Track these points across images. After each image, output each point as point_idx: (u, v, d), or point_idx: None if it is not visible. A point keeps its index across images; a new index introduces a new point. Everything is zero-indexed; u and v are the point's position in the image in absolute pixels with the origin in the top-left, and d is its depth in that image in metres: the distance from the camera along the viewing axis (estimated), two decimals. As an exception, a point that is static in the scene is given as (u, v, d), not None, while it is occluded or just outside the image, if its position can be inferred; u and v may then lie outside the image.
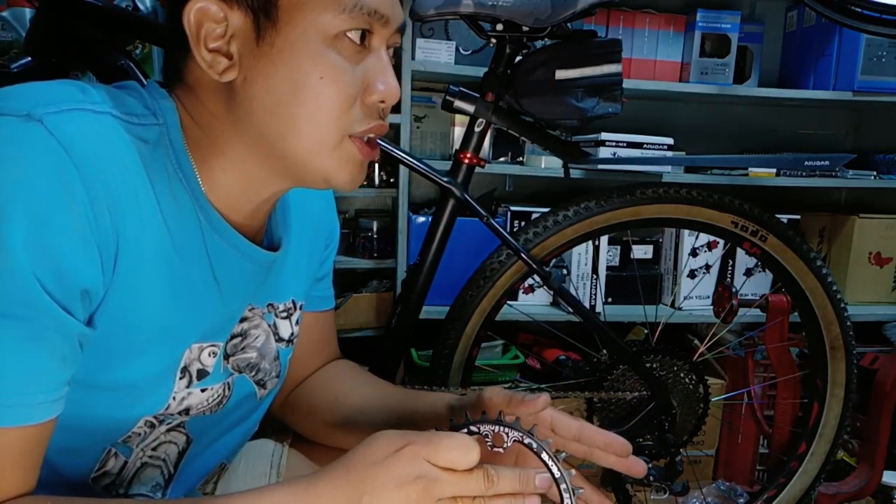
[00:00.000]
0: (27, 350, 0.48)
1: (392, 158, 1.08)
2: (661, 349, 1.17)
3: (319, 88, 0.55)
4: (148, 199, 0.55)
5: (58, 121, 0.49)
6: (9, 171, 0.47)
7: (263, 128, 0.57)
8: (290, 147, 0.57)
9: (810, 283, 1.25)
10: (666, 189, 1.17)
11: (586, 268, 1.83)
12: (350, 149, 0.59)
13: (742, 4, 2.01)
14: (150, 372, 0.60)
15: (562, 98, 1.06)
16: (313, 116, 0.56)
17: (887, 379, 1.49)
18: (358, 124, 0.58)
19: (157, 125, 0.57)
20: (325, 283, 0.86)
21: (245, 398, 0.72)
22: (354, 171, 0.60)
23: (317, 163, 0.58)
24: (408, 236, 1.74)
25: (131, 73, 1.00)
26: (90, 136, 0.50)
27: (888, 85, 1.79)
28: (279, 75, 0.55)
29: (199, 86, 0.59)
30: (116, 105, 0.55)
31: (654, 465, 1.13)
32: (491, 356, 1.74)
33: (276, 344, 0.74)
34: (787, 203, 1.97)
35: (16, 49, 1.52)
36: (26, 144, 0.47)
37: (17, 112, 0.48)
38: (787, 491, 1.37)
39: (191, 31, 0.54)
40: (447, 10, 1.03)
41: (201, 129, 0.59)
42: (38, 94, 0.51)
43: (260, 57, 0.55)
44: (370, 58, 0.59)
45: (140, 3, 1.32)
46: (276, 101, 0.56)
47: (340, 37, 0.56)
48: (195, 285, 0.61)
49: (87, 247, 0.50)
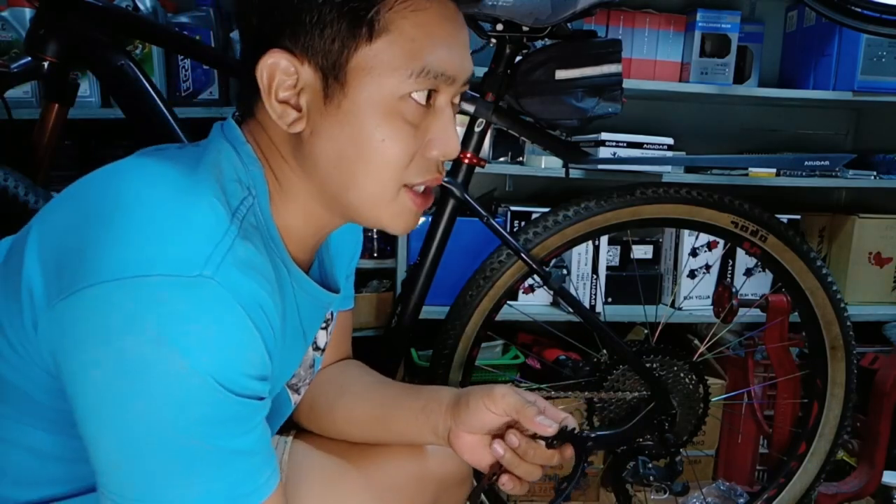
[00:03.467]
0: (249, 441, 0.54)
1: (392, 158, 1.08)
2: (661, 349, 1.17)
3: (381, 150, 0.58)
4: (271, 295, 0.57)
5: (225, 276, 0.51)
6: (207, 331, 0.50)
7: (327, 178, 0.60)
8: (351, 198, 0.61)
9: (810, 283, 1.25)
10: (666, 189, 1.17)
11: (586, 268, 1.83)
12: (405, 200, 0.62)
13: (742, 4, 2.01)
14: None
15: (562, 98, 1.06)
16: (373, 174, 0.59)
17: (887, 379, 1.49)
18: (415, 178, 0.61)
19: (252, 197, 0.59)
20: (348, 283, 0.88)
21: (280, 402, 0.75)
22: (409, 219, 0.64)
23: (375, 213, 0.62)
24: (408, 236, 1.74)
25: (131, 73, 1.00)
26: (243, 279, 0.53)
27: (888, 85, 1.79)
28: (344, 135, 0.58)
29: (270, 126, 0.61)
30: (231, 205, 0.57)
31: (654, 465, 1.14)
32: (491, 356, 1.74)
33: (314, 353, 0.78)
34: (787, 203, 1.97)
35: (16, 49, 1.52)
36: (210, 306, 0.50)
37: (186, 273, 0.50)
38: (787, 491, 1.37)
39: (263, 84, 0.57)
40: (447, 10, 1.03)
41: (275, 176, 0.62)
42: (188, 239, 0.52)
43: (327, 116, 0.58)
44: (434, 116, 0.61)
45: (140, 3, 1.32)
46: (339, 157, 0.59)
47: (406, 98, 0.58)
48: (294, 348, 0.67)
49: (260, 372, 0.54)
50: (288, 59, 0.56)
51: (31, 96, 1.56)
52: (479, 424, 0.71)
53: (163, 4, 1.58)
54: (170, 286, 0.49)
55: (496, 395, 0.71)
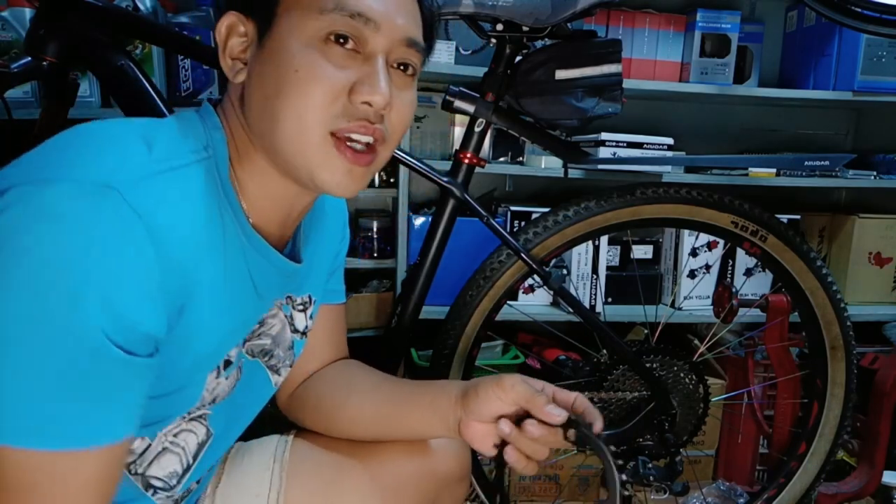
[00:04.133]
0: (94, 384, 0.51)
1: (392, 158, 1.08)
2: (661, 349, 1.17)
3: (295, 81, 0.58)
4: (205, 237, 0.59)
5: (134, 192, 0.52)
6: (91, 239, 0.49)
7: (258, 123, 0.61)
8: (277, 141, 0.60)
9: (810, 283, 1.25)
10: (666, 189, 1.17)
11: (586, 268, 1.83)
12: (331, 148, 0.60)
13: (742, 4, 2.01)
14: (198, 381, 0.65)
15: (562, 98, 1.06)
16: (292, 109, 0.59)
17: (887, 379, 1.49)
18: (339, 121, 0.60)
19: (208, 159, 0.61)
20: (336, 277, 0.89)
21: (259, 382, 0.75)
22: (339, 174, 0.61)
23: (301, 159, 0.61)
24: (408, 236, 1.74)
25: (131, 73, 1.00)
26: (158, 201, 0.54)
27: (888, 85, 1.79)
28: (267, 72, 0.60)
29: (233, 94, 0.65)
30: (177, 151, 0.58)
31: (654, 465, 1.14)
32: (491, 356, 1.74)
33: (292, 334, 0.78)
34: (787, 203, 1.97)
35: (16, 49, 1.52)
36: (105, 215, 0.50)
37: (94, 181, 0.51)
38: (787, 491, 1.37)
39: (219, 43, 0.62)
40: (447, 10, 1.03)
41: (235, 144, 0.64)
42: (110, 159, 0.53)
43: (258, 58, 0.61)
44: (364, 63, 0.60)
45: (140, 3, 1.32)
46: (264, 95, 0.60)
47: (328, 41, 0.59)
48: (242, 301, 0.66)
49: (153, 300, 0.53)
50: (237, 18, 0.61)
51: (31, 96, 1.56)
52: (489, 413, 0.72)
53: (163, 4, 1.58)
54: (73, 191, 0.50)
55: (506, 385, 0.72)
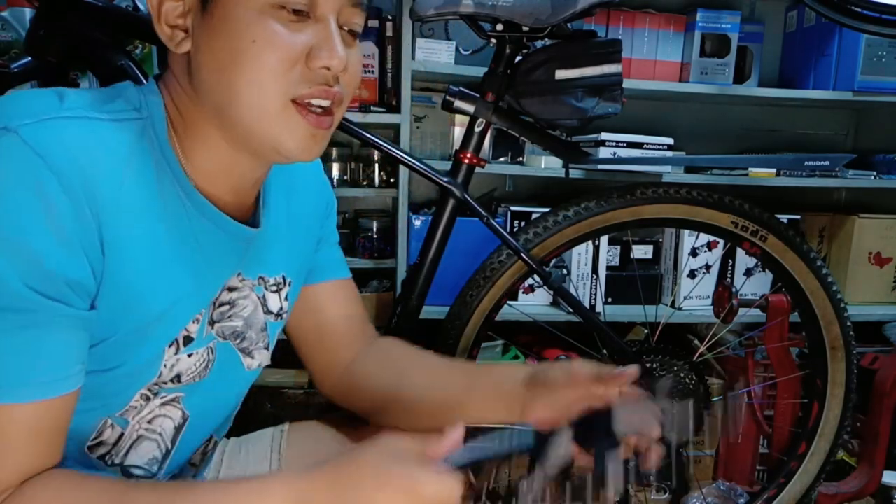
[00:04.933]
0: (25, 336, 0.51)
1: (392, 158, 1.08)
2: (661, 349, 1.17)
3: (253, 52, 0.57)
4: (133, 191, 0.57)
5: (33, 131, 0.51)
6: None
7: (213, 96, 0.60)
8: (235, 113, 0.59)
9: (810, 283, 1.25)
10: (666, 189, 1.17)
11: (586, 268, 1.83)
12: (293, 114, 0.59)
13: (742, 4, 2.01)
14: (150, 350, 0.63)
15: (562, 98, 1.06)
16: (251, 80, 0.57)
17: (887, 379, 1.49)
18: (299, 87, 0.59)
19: (140, 119, 0.60)
20: (333, 250, 0.86)
21: (230, 365, 0.73)
22: (302, 140, 0.61)
23: (262, 129, 0.60)
24: (408, 236, 1.74)
25: (131, 73, 1.00)
26: (66, 143, 0.53)
27: (888, 85, 1.79)
28: (219, 43, 0.58)
29: (175, 68, 0.62)
30: (96, 108, 0.58)
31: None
32: (491, 356, 1.74)
33: (265, 316, 0.76)
34: (787, 203, 1.97)
35: (16, 49, 1.52)
36: (3, 155, 0.50)
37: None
38: (787, 491, 1.37)
39: (152, 10, 0.59)
40: (447, 10, 1.03)
41: (179, 113, 0.62)
42: (15, 106, 0.54)
43: (205, 28, 0.58)
44: (316, 27, 0.59)
45: (140, 3, 1.32)
46: (218, 67, 0.58)
47: (277, 7, 0.57)
48: (187, 266, 0.63)
49: (68, 245, 0.52)
50: None
51: (31, 96, 1.56)
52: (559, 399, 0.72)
53: None
54: None
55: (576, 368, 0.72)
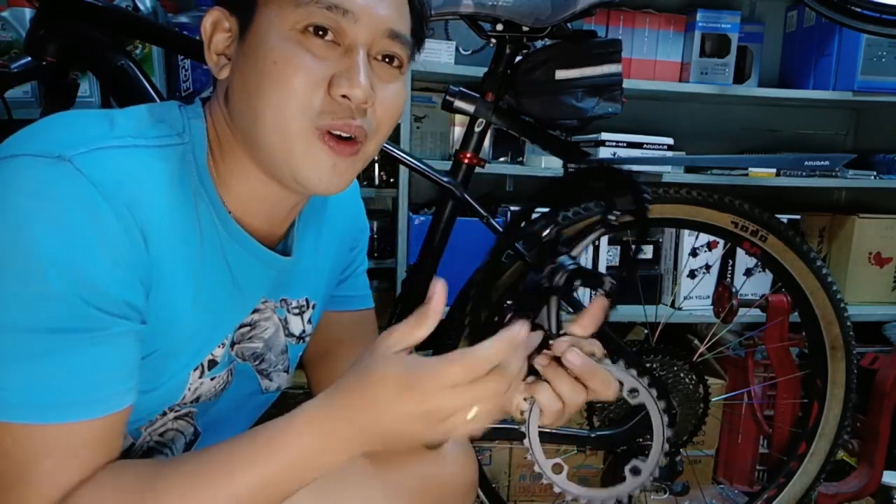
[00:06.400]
0: (89, 354, 0.53)
1: (392, 158, 1.08)
2: (661, 349, 1.17)
3: (274, 73, 0.58)
4: (174, 218, 0.59)
5: (87, 161, 0.53)
6: (44, 207, 0.51)
7: (241, 120, 0.61)
8: (259, 136, 0.60)
9: (810, 283, 1.25)
10: (666, 189, 1.17)
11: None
12: (314, 141, 0.59)
13: (742, 4, 2.01)
14: (178, 374, 0.64)
15: (562, 98, 1.06)
16: (272, 101, 0.58)
17: (887, 379, 1.49)
18: (322, 117, 0.59)
19: (182, 145, 0.61)
20: (358, 282, 0.87)
21: (248, 387, 0.74)
22: (322, 170, 0.60)
23: (283, 153, 0.60)
24: (408, 236, 1.74)
25: (131, 73, 1.00)
26: (116, 172, 0.55)
27: (888, 85, 1.79)
28: (248, 67, 0.59)
29: (218, 93, 0.64)
30: (142, 133, 0.59)
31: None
32: (491, 356, 1.73)
33: (286, 339, 0.76)
34: (787, 203, 1.97)
35: (16, 49, 1.52)
36: (59, 183, 0.52)
37: (49, 154, 0.52)
38: (787, 491, 1.37)
39: (205, 38, 0.62)
40: (447, 10, 1.03)
41: (218, 138, 0.64)
42: (68, 132, 0.55)
43: (241, 53, 0.60)
44: (344, 56, 0.59)
45: (140, 3, 1.32)
46: (245, 90, 0.60)
47: (306, 33, 0.58)
48: (219, 293, 0.65)
49: (122, 268, 0.54)
50: (222, 14, 0.61)
51: (31, 96, 1.56)
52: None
53: (163, 4, 1.58)
54: (28, 164, 0.52)
55: None
